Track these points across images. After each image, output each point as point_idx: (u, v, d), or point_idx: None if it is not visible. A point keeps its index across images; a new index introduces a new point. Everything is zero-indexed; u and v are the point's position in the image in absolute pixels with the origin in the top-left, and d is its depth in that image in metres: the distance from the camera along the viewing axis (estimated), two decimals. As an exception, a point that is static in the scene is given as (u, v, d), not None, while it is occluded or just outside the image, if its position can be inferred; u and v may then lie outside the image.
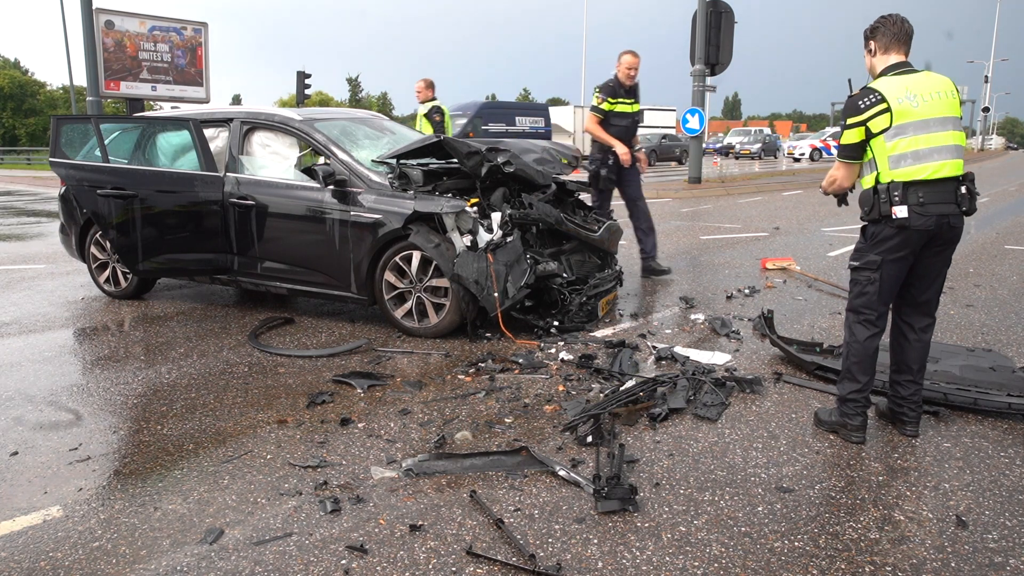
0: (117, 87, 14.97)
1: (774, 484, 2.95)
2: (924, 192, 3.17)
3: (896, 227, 3.19)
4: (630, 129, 6.82)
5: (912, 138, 3.17)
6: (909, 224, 3.17)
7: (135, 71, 15.42)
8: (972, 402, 3.65)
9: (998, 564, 2.42)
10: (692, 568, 2.39)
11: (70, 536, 2.60)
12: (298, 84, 22.02)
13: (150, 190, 5.42)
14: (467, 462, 3.10)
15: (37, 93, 50.92)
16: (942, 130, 3.20)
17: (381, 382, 4.11)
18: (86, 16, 13.47)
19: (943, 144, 3.19)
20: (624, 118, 6.75)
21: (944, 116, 3.22)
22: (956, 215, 3.21)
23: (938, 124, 3.20)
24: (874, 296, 3.32)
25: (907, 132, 3.17)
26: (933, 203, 3.17)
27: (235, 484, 2.96)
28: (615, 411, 3.57)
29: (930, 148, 3.18)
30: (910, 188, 3.17)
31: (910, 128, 3.17)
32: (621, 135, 6.71)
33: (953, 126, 3.23)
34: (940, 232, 3.22)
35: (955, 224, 3.23)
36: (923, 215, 3.16)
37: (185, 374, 4.33)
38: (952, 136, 3.22)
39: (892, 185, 3.18)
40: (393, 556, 2.45)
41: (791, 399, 3.87)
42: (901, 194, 3.16)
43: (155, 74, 15.87)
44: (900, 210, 3.17)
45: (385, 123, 6.47)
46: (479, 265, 4.68)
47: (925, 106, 3.19)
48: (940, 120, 3.20)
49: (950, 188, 3.20)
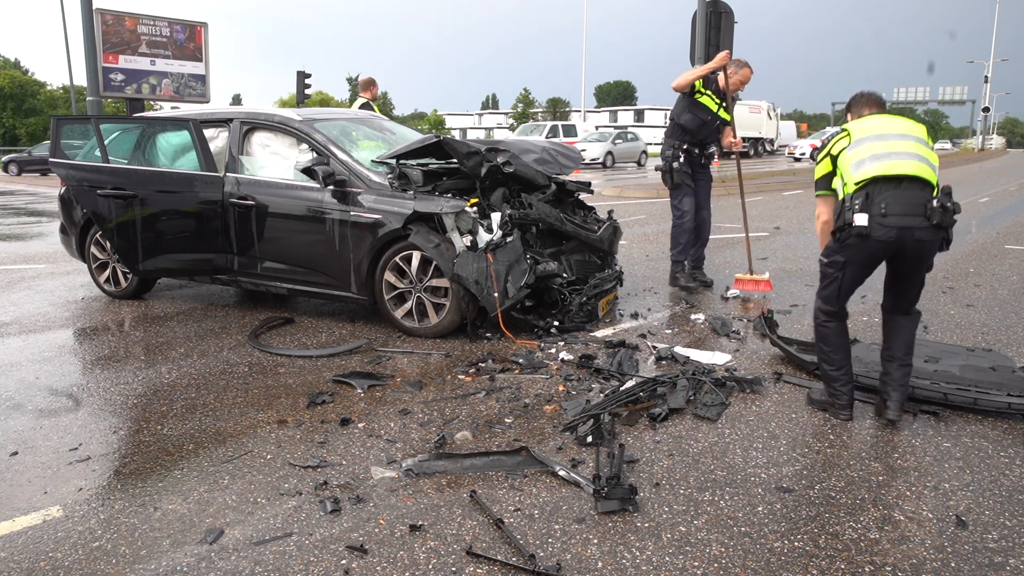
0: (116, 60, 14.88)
1: (774, 484, 2.95)
2: (888, 201, 3.22)
3: (857, 235, 3.29)
4: (708, 125, 6.30)
5: (870, 144, 3.36)
6: (870, 233, 3.25)
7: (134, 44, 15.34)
8: (972, 402, 3.65)
9: (998, 564, 2.42)
10: (692, 568, 2.39)
11: (70, 536, 2.60)
12: (298, 84, 22.02)
13: (150, 190, 5.42)
14: (467, 462, 3.10)
15: (37, 93, 50.91)
16: (901, 140, 3.36)
17: (381, 382, 4.11)
18: (86, 16, 13.46)
19: (902, 149, 3.32)
20: (706, 112, 6.22)
21: (904, 132, 3.39)
22: (923, 228, 3.22)
23: (896, 136, 3.37)
24: (834, 292, 3.49)
25: (865, 142, 3.40)
26: (896, 214, 3.21)
27: (235, 484, 2.96)
28: (615, 411, 3.57)
29: (888, 151, 3.32)
30: (874, 197, 3.25)
31: (867, 139, 3.40)
32: (696, 128, 6.26)
33: (915, 140, 3.36)
34: (905, 245, 3.26)
35: (922, 238, 3.25)
36: (884, 226, 3.22)
37: (185, 374, 4.33)
38: (913, 145, 3.34)
39: (855, 194, 3.30)
40: (393, 556, 2.45)
41: (791, 399, 3.87)
42: (863, 202, 3.26)
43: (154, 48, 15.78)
44: (860, 218, 3.26)
45: (385, 123, 6.47)
46: (479, 265, 4.68)
47: (884, 125, 3.43)
48: (899, 134, 3.38)
49: (918, 199, 3.23)
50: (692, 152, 6.37)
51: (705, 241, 6.70)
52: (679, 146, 6.35)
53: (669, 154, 6.37)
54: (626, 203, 14.59)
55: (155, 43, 15.91)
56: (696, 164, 6.42)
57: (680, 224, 6.46)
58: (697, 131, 6.29)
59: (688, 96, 6.24)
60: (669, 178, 6.39)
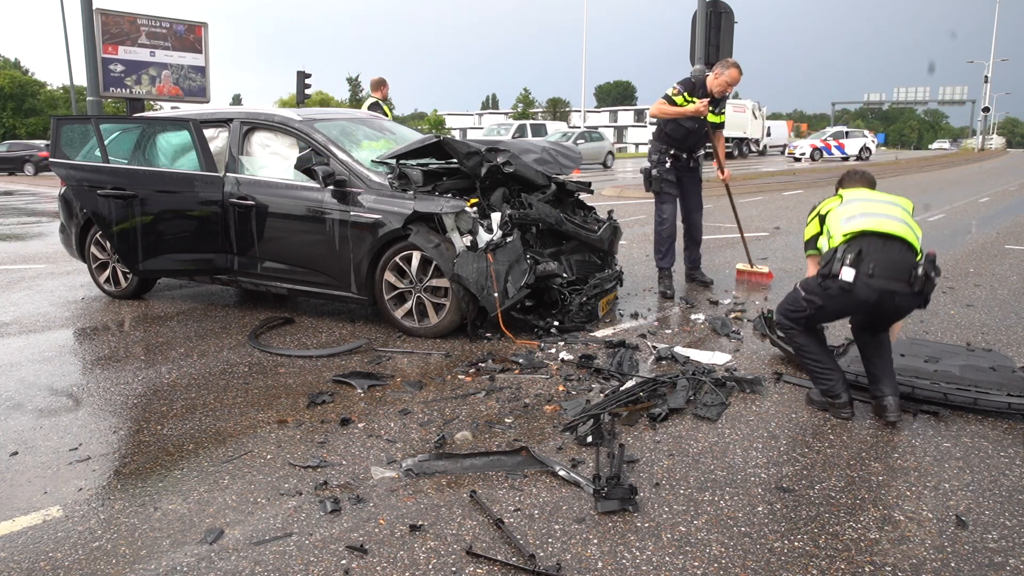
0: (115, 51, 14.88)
1: (774, 484, 2.95)
2: (876, 262, 3.33)
3: (840, 289, 3.39)
4: (696, 133, 6.19)
5: (861, 204, 3.58)
6: (853, 290, 3.36)
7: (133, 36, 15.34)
8: (972, 402, 3.65)
9: (998, 564, 2.42)
10: (692, 568, 2.39)
11: (70, 536, 2.60)
12: (298, 84, 22.04)
13: (150, 190, 5.42)
14: (467, 462, 3.10)
15: (37, 93, 50.89)
16: (889, 206, 3.56)
17: (381, 382, 4.11)
18: (86, 16, 13.47)
19: (890, 213, 3.50)
20: (691, 121, 6.12)
21: (892, 201, 3.60)
22: (904, 294, 3.35)
23: (885, 203, 3.58)
24: (800, 320, 3.62)
25: (855, 201, 3.58)
26: (883, 276, 3.33)
27: (235, 484, 2.96)
28: (615, 411, 3.57)
29: (876, 211, 3.50)
30: (864, 255, 3.35)
31: (858, 200, 3.59)
32: (682, 137, 6.17)
33: (902, 210, 3.54)
34: (883, 305, 3.39)
35: (901, 304, 3.40)
36: (869, 287, 3.34)
37: (185, 374, 4.33)
38: (900, 212, 3.53)
39: (848, 247, 3.41)
40: (393, 556, 2.45)
41: (791, 399, 3.87)
42: (853, 258, 3.36)
43: (154, 39, 15.79)
44: (847, 273, 3.37)
45: (385, 123, 6.47)
46: (479, 265, 4.68)
47: (874, 194, 3.67)
48: (887, 201, 3.59)
49: (904, 264, 3.35)
50: (679, 157, 6.25)
51: (698, 242, 6.61)
52: (665, 151, 6.24)
53: (655, 159, 6.28)
54: (626, 203, 14.59)
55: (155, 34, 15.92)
56: (684, 169, 6.30)
57: (659, 232, 6.34)
58: (683, 139, 6.21)
59: (674, 107, 6.10)
60: (648, 184, 6.29)
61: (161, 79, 15.99)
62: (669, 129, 6.20)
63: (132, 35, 15.38)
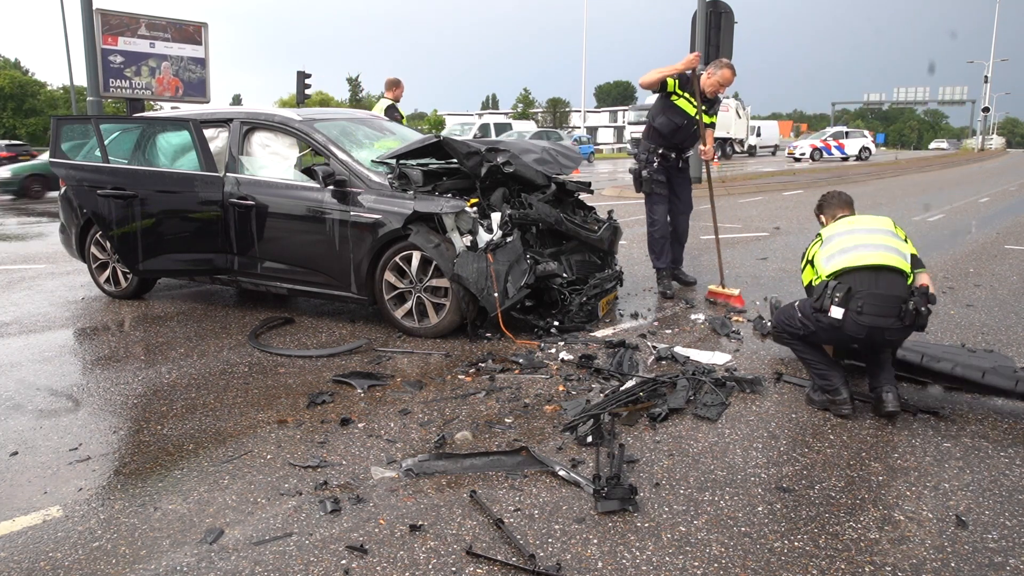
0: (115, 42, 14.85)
1: (774, 484, 2.95)
2: (865, 300, 3.38)
3: (829, 325, 3.47)
4: (684, 130, 5.98)
5: (838, 240, 3.62)
6: (843, 327, 3.44)
7: (133, 27, 15.34)
8: (980, 375, 3.69)
9: (998, 564, 2.42)
10: (692, 568, 2.39)
11: (70, 536, 2.60)
12: (298, 84, 22.05)
13: (150, 190, 5.42)
14: (467, 462, 3.10)
15: (37, 93, 50.89)
16: (868, 233, 3.59)
17: (381, 382, 4.11)
18: (86, 16, 13.48)
19: (866, 241, 3.54)
20: (681, 116, 5.92)
21: (872, 227, 3.63)
22: (895, 328, 3.41)
23: (864, 231, 3.62)
24: (796, 332, 3.71)
25: (833, 239, 3.64)
26: (871, 314, 3.38)
27: (235, 484, 2.96)
28: (615, 411, 3.57)
29: (854, 244, 3.55)
30: (854, 293, 3.40)
31: (836, 236, 3.65)
32: (670, 132, 5.99)
33: (883, 233, 3.57)
34: (873, 340, 3.48)
35: (891, 338, 3.48)
36: (858, 324, 3.40)
37: (185, 374, 4.33)
38: (880, 237, 3.55)
39: (839, 284, 3.45)
40: (393, 556, 2.45)
41: (791, 399, 3.87)
42: (842, 297, 3.42)
43: (153, 31, 15.79)
44: (836, 312, 3.43)
45: (385, 123, 6.47)
46: (479, 265, 4.68)
47: (854, 222, 3.70)
48: (867, 229, 3.63)
49: (894, 298, 3.39)
50: (668, 156, 6.12)
51: (682, 243, 6.48)
52: (654, 150, 6.10)
53: (643, 159, 6.14)
54: (626, 203, 14.59)
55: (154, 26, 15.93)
56: (673, 168, 6.17)
57: (651, 233, 6.25)
58: (671, 135, 6.02)
59: (664, 98, 5.97)
60: (638, 184, 6.16)
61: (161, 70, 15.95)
62: (658, 123, 6.05)
63: (132, 26, 15.37)
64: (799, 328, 3.67)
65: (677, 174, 6.25)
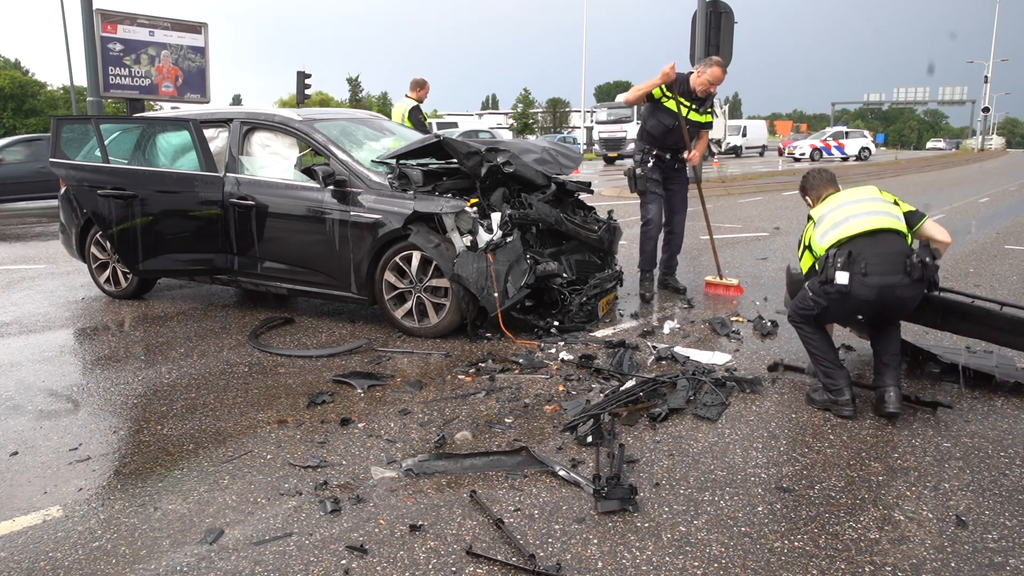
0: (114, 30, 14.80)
1: (774, 484, 2.95)
2: (869, 260, 3.37)
3: (838, 292, 3.43)
4: (676, 131, 5.94)
5: (829, 217, 3.61)
6: (850, 292, 3.40)
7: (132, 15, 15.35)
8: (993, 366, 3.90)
9: (998, 564, 2.42)
10: (692, 568, 2.39)
11: (70, 536, 2.60)
12: (298, 84, 22.04)
13: (150, 190, 5.42)
14: (467, 462, 3.10)
15: (38, 93, 50.90)
16: (856, 203, 3.59)
17: (381, 382, 4.11)
18: (86, 16, 13.47)
19: (857, 211, 3.54)
20: (671, 117, 5.89)
21: (859, 198, 3.62)
22: (904, 285, 3.37)
23: (852, 202, 3.62)
24: (809, 318, 3.67)
25: (824, 217, 3.64)
26: (877, 273, 3.36)
27: (235, 484, 2.96)
28: (615, 411, 3.57)
29: (844, 216, 3.55)
30: (856, 256, 3.39)
31: (826, 214, 3.65)
32: (661, 134, 5.97)
33: (871, 200, 3.58)
34: (885, 302, 3.42)
35: (903, 295, 3.42)
36: (866, 285, 3.37)
37: (185, 374, 4.33)
38: (869, 204, 3.56)
39: (839, 251, 3.45)
40: (393, 556, 2.45)
41: (791, 399, 3.87)
42: (844, 260, 3.41)
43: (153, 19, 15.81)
44: (842, 276, 3.41)
45: (385, 123, 6.47)
46: (479, 265, 4.68)
47: (842, 197, 3.68)
48: (854, 200, 3.62)
49: (897, 255, 3.38)
50: (663, 157, 6.09)
51: (677, 248, 6.42)
52: (648, 151, 6.10)
53: (638, 159, 6.14)
54: (626, 203, 14.59)
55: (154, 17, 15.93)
56: (669, 169, 6.12)
57: (644, 232, 6.19)
58: (663, 137, 5.98)
59: (653, 101, 5.91)
60: (633, 184, 6.11)
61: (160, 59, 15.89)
62: (649, 126, 6.05)
63: (130, 14, 15.37)
64: (812, 308, 3.61)
65: (673, 174, 6.20)
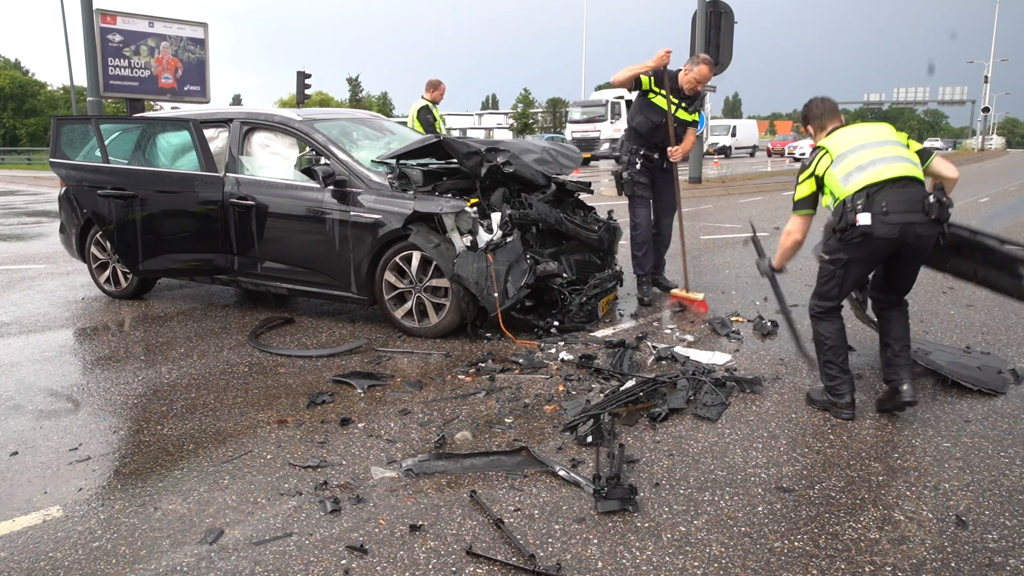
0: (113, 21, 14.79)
1: (774, 484, 2.95)
2: (888, 200, 3.32)
3: (860, 235, 3.37)
4: (663, 128, 5.81)
5: (852, 158, 3.47)
6: (873, 232, 3.34)
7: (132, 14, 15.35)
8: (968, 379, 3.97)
9: (998, 564, 2.42)
10: (692, 568, 2.39)
11: (70, 536, 2.60)
12: (298, 84, 22.04)
13: (150, 190, 5.42)
14: (467, 462, 3.10)
15: (38, 93, 50.96)
16: (879, 146, 3.48)
17: (381, 382, 4.11)
18: (86, 16, 13.47)
19: (882, 155, 3.44)
20: (658, 114, 5.78)
21: (880, 139, 3.52)
22: (924, 223, 3.35)
23: (874, 144, 3.50)
24: (835, 288, 3.57)
25: (847, 156, 3.49)
26: (898, 212, 3.32)
27: (235, 484, 2.96)
28: (615, 411, 3.57)
29: (869, 160, 3.44)
30: (874, 196, 3.34)
31: (848, 153, 3.50)
32: (648, 131, 5.85)
33: (893, 144, 3.49)
34: (907, 241, 3.38)
35: (923, 233, 3.38)
36: (887, 223, 3.32)
37: (185, 374, 4.33)
38: (892, 149, 3.47)
39: (856, 195, 3.38)
40: (393, 556, 2.46)
41: (791, 399, 3.87)
42: (864, 202, 3.35)
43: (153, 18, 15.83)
44: (863, 217, 3.35)
45: (385, 123, 6.47)
46: (479, 265, 4.68)
47: (860, 135, 3.54)
48: (876, 142, 3.51)
49: (916, 196, 3.35)
50: (651, 157, 5.96)
51: (666, 244, 6.33)
52: (636, 151, 5.97)
53: (625, 160, 6.01)
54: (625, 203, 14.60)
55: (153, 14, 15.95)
56: (657, 170, 5.99)
57: (633, 237, 6.09)
58: (650, 134, 5.86)
59: (642, 96, 5.84)
60: (620, 188, 6.01)
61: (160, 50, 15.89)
62: (636, 123, 5.94)
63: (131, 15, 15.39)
64: (833, 274, 3.51)
65: (661, 175, 6.07)
